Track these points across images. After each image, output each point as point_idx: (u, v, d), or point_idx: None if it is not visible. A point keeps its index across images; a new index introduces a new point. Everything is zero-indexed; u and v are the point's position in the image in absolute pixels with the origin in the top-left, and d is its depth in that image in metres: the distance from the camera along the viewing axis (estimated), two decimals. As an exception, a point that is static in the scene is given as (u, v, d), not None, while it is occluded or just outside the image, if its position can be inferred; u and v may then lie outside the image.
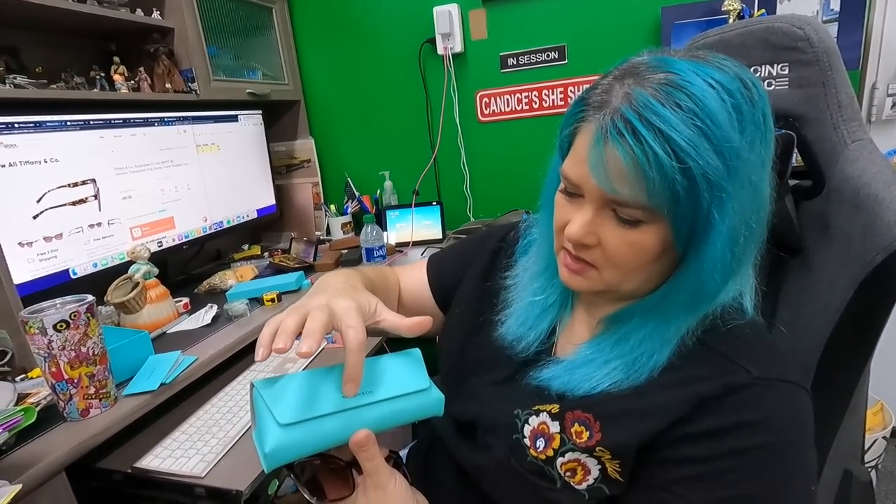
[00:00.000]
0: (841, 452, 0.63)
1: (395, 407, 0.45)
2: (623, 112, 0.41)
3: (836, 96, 0.59)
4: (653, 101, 0.40)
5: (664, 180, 0.40)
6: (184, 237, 1.49)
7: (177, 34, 1.44)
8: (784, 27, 0.61)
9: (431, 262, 0.76)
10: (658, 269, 0.48)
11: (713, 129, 0.40)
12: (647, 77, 0.42)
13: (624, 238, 0.46)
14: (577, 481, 0.48)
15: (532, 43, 1.71)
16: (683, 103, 0.40)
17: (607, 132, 0.42)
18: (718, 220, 0.42)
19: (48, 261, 1.12)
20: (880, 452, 1.41)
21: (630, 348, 0.49)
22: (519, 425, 0.52)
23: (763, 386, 0.44)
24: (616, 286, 0.49)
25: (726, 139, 0.40)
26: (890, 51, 1.48)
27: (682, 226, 0.43)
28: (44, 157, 1.11)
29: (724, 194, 0.41)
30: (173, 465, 0.82)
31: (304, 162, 2.00)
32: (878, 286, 0.54)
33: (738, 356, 0.46)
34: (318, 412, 0.42)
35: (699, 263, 0.44)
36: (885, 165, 0.56)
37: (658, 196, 0.42)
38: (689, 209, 0.42)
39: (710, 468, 0.43)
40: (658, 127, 0.40)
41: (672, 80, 0.41)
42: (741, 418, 0.43)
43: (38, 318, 0.76)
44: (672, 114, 0.40)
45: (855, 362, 0.59)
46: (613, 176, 0.42)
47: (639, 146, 0.40)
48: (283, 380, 0.44)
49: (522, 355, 0.57)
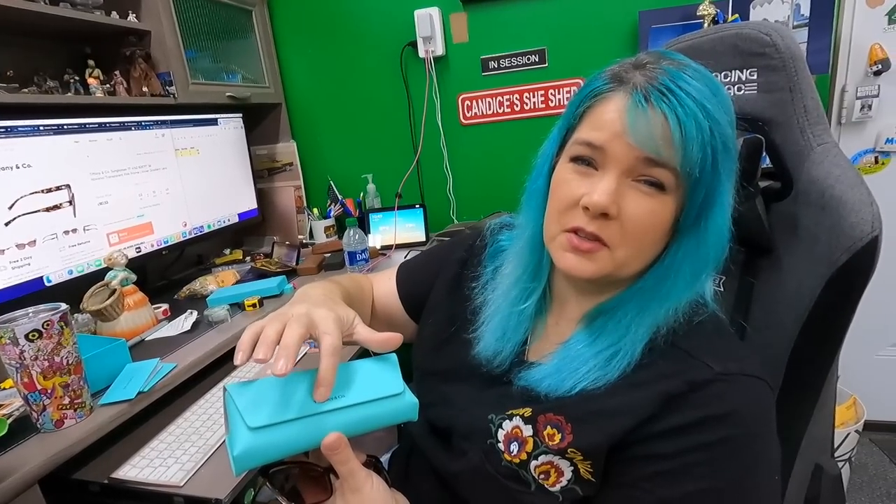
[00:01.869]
0: (811, 447, 0.65)
1: (367, 412, 0.45)
2: (660, 79, 0.45)
3: (803, 101, 0.61)
4: (681, 74, 0.45)
5: (702, 142, 0.44)
6: (163, 242, 1.46)
7: (154, 37, 1.42)
8: (752, 34, 0.62)
9: (400, 271, 0.76)
10: (657, 250, 0.50)
11: (727, 105, 0.46)
12: (660, 62, 0.47)
13: (643, 206, 0.46)
14: (550, 483, 0.48)
15: (513, 46, 1.73)
16: (705, 81, 0.45)
17: (649, 95, 0.45)
18: (719, 190, 0.46)
19: (21, 268, 1.09)
20: (853, 445, 1.45)
21: (605, 345, 0.50)
22: (493, 430, 0.52)
23: (725, 381, 0.45)
24: (621, 269, 0.49)
25: (731, 122, 0.46)
26: (858, 54, 1.53)
27: (697, 196, 0.46)
28: (15, 162, 1.09)
29: (727, 164, 0.46)
30: (151, 475, 0.81)
31: (286, 165, 1.99)
32: (842, 285, 0.56)
33: (700, 353, 0.47)
34: (288, 416, 0.42)
35: (703, 236, 0.47)
36: (848, 168, 0.58)
37: (690, 160, 0.44)
38: (710, 177, 0.45)
39: (679, 463, 0.44)
40: (692, 95, 0.44)
41: (685, 62, 0.47)
42: (706, 413, 0.44)
43: (10, 328, 0.75)
44: (701, 86, 0.45)
45: (823, 358, 0.61)
46: (657, 136, 0.44)
47: (682, 108, 0.44)
48: (257, 384, 0.44)
49: (500, 368, 0.57)
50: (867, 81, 1.54)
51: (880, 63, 1.49)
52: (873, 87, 1.53)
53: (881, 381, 1.71)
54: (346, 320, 0.48)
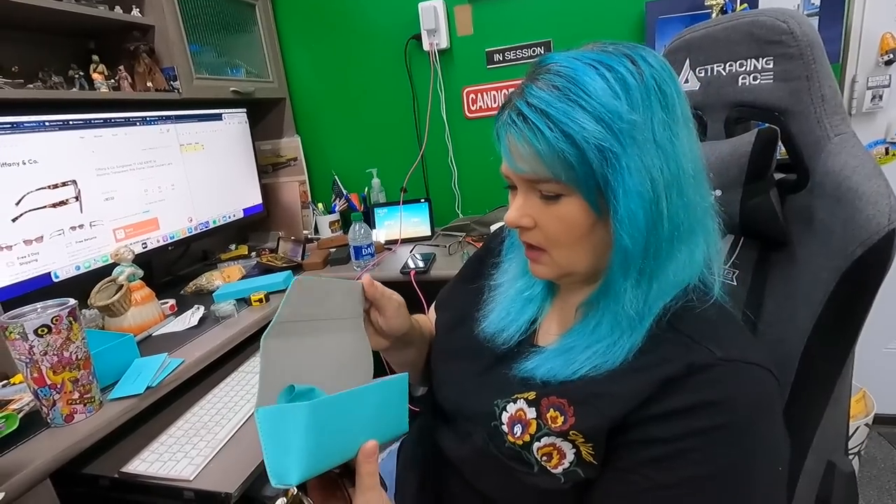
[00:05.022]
0: (824, 443, 0.64)
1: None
2: (516, 104, 0.48)
3: (820, 90, 0.59)
4: (535, 90, 0.47)
5: (552, 152, 0.46)
6: (169, 238, 1.46)
7: (157, 32, 1.41)
8: (768, 21, 0.61)
9: (436, 303, 0.77)
10: (598, 242, 0.50)
11: (588, 100, 0.45)
12: (539, 72, 0.49)
13: (551, 214, 0.50)
14: (553, 465, 0.49)
15: (518, 39, 1.71)
16: (562, 85, 0.46)
17: (507, 123, 0.49)
18: (617, 179, 0.46)
19: (29, 264, 1.09)
20: (863, 439, 1.44)
21: (605, 333, 0.50)
22: (497, 413, 0.54)
23: (726, 366, 0.45)
24: (570, 267, 0.53)
25: (604, 106, 0.45)
26: (869, 44, 1.50)
27: (589, 192, 0.47)
28: (22, 158, 1.09)
29: (612, 154, 0.45)
30: (161, 469, 0.81)
31: (291, 160, 1.98)
32: (858, 279, 0.55)
33: (703, 338, 0.47)
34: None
35: (617, 226, 0.47)
36: (866, 159, 0.57)
37: (554, 166, 0.47)
38: (586, 173, 0.46)
39: (675, 448, 0.44)
40: (538, 107, 0.46)
41: (551, 68, 0.48)
42: (704, 397, 0.44)
43: (19, 323, 0.75)
44: (548, 94, 0.46)
45: (837, 354, 0.59)
46: (515, 157, 0.49)
47: (527, 128, 0.47)
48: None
49: (504, 347, 0.59)
50: (878, 71, 1.51)
51: (892, 52, 1.46)
52: (885, 77, 1.50)
53: (891, 375, 1.70)
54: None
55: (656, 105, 0.47)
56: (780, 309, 0.65)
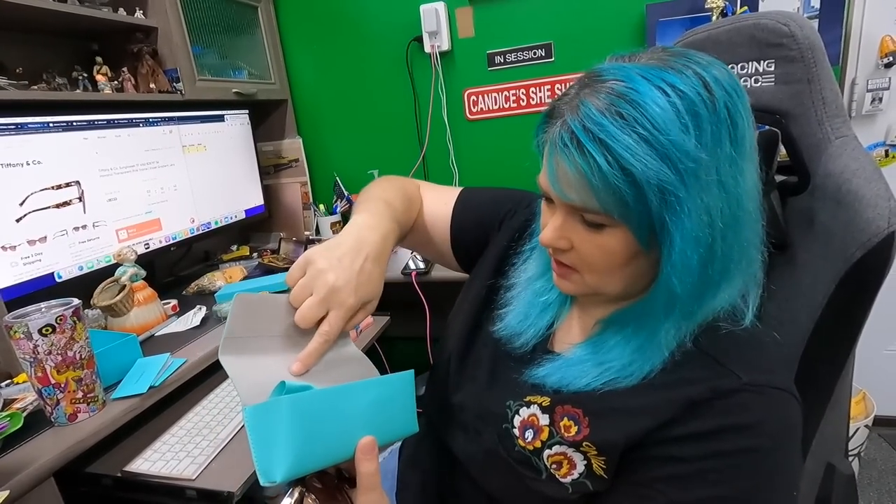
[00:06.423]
0: (824, 446, 0.64)
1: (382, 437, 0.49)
2: (570, 124, 0.43)
3: (821, 92, 0.60)
4: (594, 112, 0.42)
5: (607, 187, 0.42)
6: (171, 238, 1.47)
7: (160, 33, 1.42)
8: (770, 24, 0.61)
9: (459, 203, 0.73)
10: (636, 271, 0.48)
11: (655, 135, 0.40)
12: (597, 87, 0.43)
13: (591, 241, 0.47)
14: (562, 474, 0.48)
15: (519, 41, 1.71)
16: (626, 111, 0.41)
17: (556, 144, 0.44)
18: (675, 223, 0.42)
19: (32, 264, 1.10)
20: (862, 441, 1.44)
21: (627, 353, 0.49)
22: (509, 415, 0.53)
23: (752, 391, 0.44)
24: (600, 289, 0.50)
25: (673, 143, 0.40)
26: (869, 46, 1.51)
27: (641, 230, 0.44)
28: (26, 159, 1.09)
29: (674, 197, 0.41)
30: (164, 468, 0.81)
31: (292, 161, 1.99)
32: (857, 282, 0.55)
33: (729, 361, 0.46)
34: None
35: (669, 269, 0.44)
36: (867, 162, 0.57)
37: (607, 202, 0.43)
38: (642, 213, 0.43)
39: (695, 468, 0.43)
40: (599, 137, 0.41)
41: (617, 88, 0.42)
42: (728, 422, 0.43)
43: (23, 323, 0.75)
44: (612, 122, 0.41)
45: (837, 357, 0.60)
46: (563, 184, 0.45)
47: (581, 156, 0.42)
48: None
49: (520, 350, 0.58)
50: (878, 74, 1.52)
51: (891, 55, 1.47)
52: (884, 80, 1.51)
53: (891, 376, 1.70)
54: (358, 308, 0.53)
55: (726, 139, 0.43)
56: (780, 311, 0.65)
